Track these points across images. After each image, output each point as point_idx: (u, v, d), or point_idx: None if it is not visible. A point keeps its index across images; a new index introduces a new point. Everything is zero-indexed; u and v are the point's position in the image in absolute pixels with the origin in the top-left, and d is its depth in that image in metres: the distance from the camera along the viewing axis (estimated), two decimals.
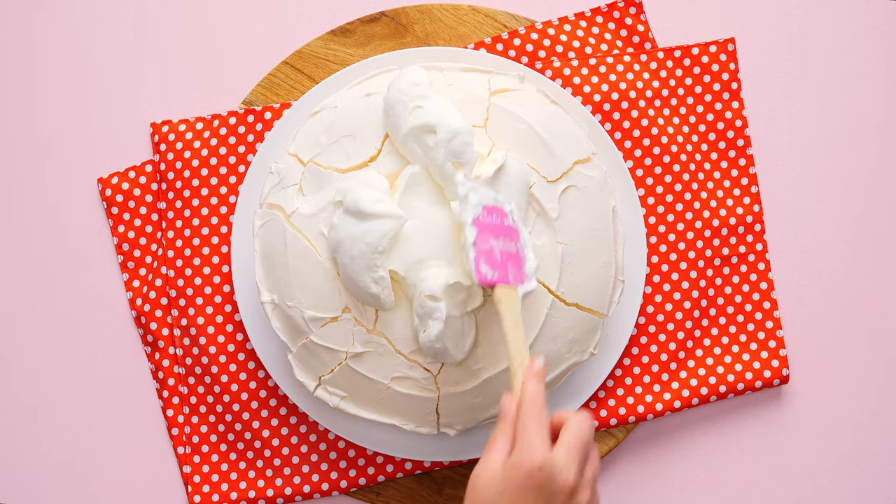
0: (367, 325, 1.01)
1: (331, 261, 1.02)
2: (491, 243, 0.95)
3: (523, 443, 0.85)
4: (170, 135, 1.13)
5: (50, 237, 1.15)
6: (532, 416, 0.86)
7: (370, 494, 1.12)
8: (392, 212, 0.98)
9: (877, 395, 1.14)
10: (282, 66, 1.14)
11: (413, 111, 0.99)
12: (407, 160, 1.02)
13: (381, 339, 1.01)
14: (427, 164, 1.00)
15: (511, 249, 0.96)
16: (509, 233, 0.97)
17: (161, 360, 1.13)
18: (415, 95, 1.00)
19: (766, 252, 1.14)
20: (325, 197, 1.02)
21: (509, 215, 0.98)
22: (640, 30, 1.15)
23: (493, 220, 0.96)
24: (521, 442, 0.86)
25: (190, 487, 1.11)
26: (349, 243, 0.98)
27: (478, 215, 0.95)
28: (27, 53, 1.16)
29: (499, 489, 0.85)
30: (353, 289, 1.00)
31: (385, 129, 1.03)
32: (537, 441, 0.85)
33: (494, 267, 0.94)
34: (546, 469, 0.84)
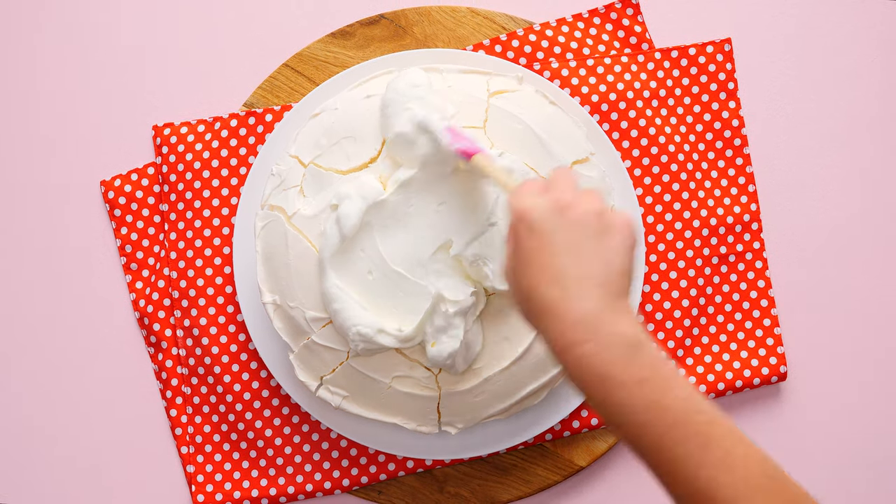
0: None
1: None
2: (461, 138, 0.96)
3: (512, 198, 0.85)
4: (172, 137, 1.14)
5: (53, 239, 1.15)
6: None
7: (372, 493, 1.12)
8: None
9: (874, 391, 1.15)
10: (282, 68, 1.15)
11: (403, 114, 0.99)
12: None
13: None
14: (413, 162, 1.00)
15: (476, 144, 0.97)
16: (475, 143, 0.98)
17: (164, 360, 1.13)
18: (409, 97, 1.00)
19: (763, 250, 1.14)
20: (326, 198, 1.02)
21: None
22: (637, 30, 1.15)
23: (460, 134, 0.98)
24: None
25: (193, 487, 1.12)
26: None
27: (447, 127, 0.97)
28: (29, 57, 1.17)
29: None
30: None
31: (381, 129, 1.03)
32: (518, 194, 0.84)
33: (467, 143, 0.95)
34: (525, 212, 0.82)
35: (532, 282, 0.81)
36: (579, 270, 0.80)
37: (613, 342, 0.77)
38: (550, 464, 1.12)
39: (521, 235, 0.82)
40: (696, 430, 0.76)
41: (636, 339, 0.78)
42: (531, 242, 0.81)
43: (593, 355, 0.77)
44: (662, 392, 0.76)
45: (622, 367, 0.77)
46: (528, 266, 0.81)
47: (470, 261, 0.97)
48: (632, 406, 0.77)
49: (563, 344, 0.79)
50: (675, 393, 0.77)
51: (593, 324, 0.78)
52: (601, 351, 0.77)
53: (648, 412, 0.76)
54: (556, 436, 1.12)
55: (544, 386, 1.06)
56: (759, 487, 0.74)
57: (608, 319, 0.78)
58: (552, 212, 0.82)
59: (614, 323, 0.78)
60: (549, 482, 1.12)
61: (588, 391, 0.78)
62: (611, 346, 0.77)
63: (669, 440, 0.76)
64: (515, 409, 1.06)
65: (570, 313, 0.78)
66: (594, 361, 0.77)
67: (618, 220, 0.82)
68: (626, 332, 0.78)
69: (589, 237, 0.81)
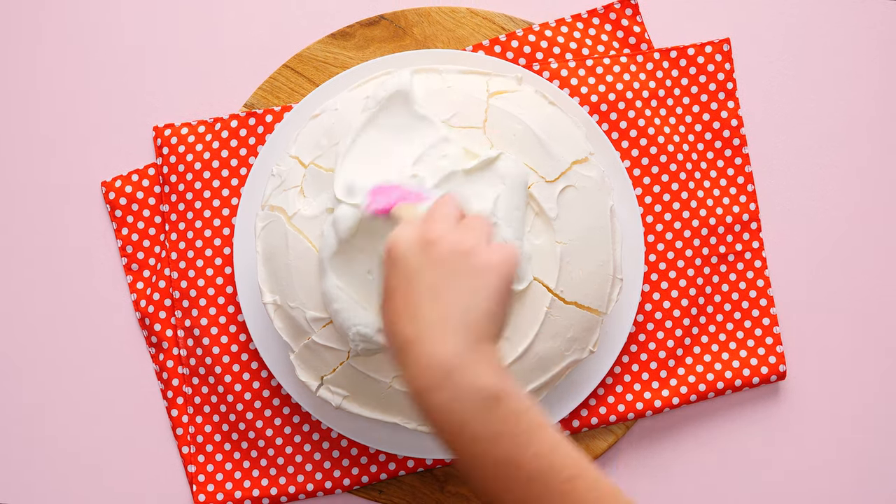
0: None
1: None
2: (384, 194, 0.94)
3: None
4: (172, 138, 1.14)
5: (53, 240, 1.15)
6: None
7: (373, 492, 1.12)
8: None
9: (873, 390, 1.15)
10: (282, 69, 1.15)
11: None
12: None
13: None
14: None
15: (410, 193, 0.94)
16: (407, 192, 0.95)
17: (165, 360, 1.13)
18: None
19: (762, 250, 1.15)
20: (326, 199, 1.03)
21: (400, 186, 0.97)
22: (636, 31, 1.16)
23: (386, 186, 0.96)
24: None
25: (194, 486, 1.12)
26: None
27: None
28: (30, 58, 1.17)
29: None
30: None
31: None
32: (394, 231, 0.82)
33: (389, 198, 0.93)
34: (392, 246, 0.80)
35: (392, 318, 0.78)
36: (436, 312, 0.76)
37: (468, 393, 0.73)
38: None
39: (387, 269, 0.79)
40: (554, 488, 0.72)
41: (495, 389, 0.74)
42: (394, 279, 0.79)
43: (446, 404, 0.74)
44: (519, 448, 0.72)
45: (477, 420, 0.73)
46: (389, 301, 0.79)
47: None
48: (486, 460, 0.73)
49: (417, 388, 0.75)
50: (535, 449, 0.73)
51: (447, 371, 0.74)
52: (454, 401, 0.74)
53: (503, 467, 0.73)
54: None
55: (544, 385, 1.06)
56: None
57: (465, 367, 0.74)
58: (417, 247, 0.78)
59: (471, 372, 0.74)
60: None
61: (441, 438, 0.75)
62: (465, 396, 0.73)
63: (526, 496, 0.72)
64: None
65: (424, 357, 0.75)
66: (447, 410, 0.74)
67: (492, 259, 0.78)
68: (484, 383, 0.74)
69: (451, 277, 0.77)
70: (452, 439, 0.74)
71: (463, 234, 0.79)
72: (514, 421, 0.73)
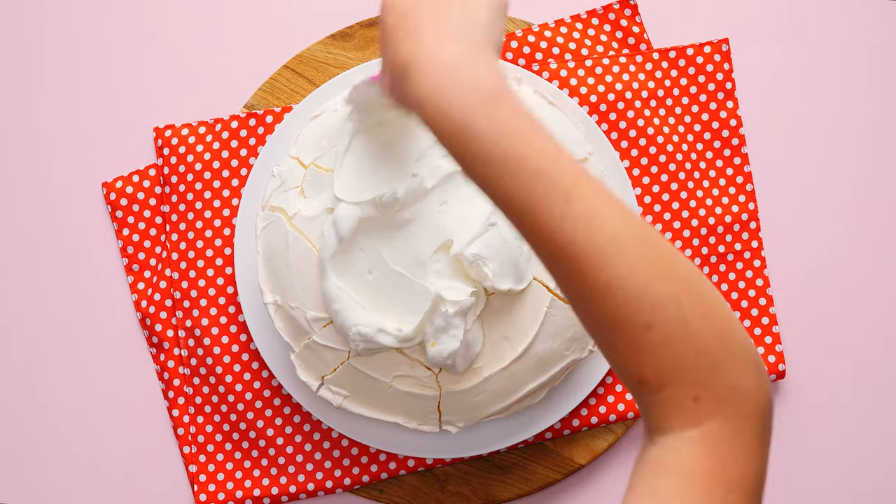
0: None
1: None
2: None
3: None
4: (173, 139, 1.14)
5: (54, 241, 1.15)
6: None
7: (373, 491, 1.12)
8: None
9: (872, 389, 1.15)
10: (283, 70, 1.15)
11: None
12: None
13: None
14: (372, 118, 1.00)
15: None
16: None
17: (166, 361, 1.14)
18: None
19: (761, 249, 1.15)
20: (327, 199, 1.03)
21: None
22: (635, 31, 1.16)
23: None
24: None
25: (195, 486, 1.12)
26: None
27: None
28: (30, 59, 1.17)
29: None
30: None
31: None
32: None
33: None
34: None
35: (392, 45, 0.78)
36: (436, 27, 0.77)
37: (471, 91, 0.74)
38: (551, 462, 1.12)
39: (384, 18, 0.80)
40: (559, 183, 0.71)
41: (497, 88, 0.74)
42: (391, 18, 0.79)
43: (450, 103, 0.74)
44: (523, 143, 0.72)
45: (481, 117, 0.73)
46: (391, 39, 0.79)
47: (470, 261, 0.98)
48: (491, 157, 0.72)
49: (419, 96, 0.75)
50: (539, 145, 0.72)
51: (450, 72, 0.74)
52: (458, 99, 0.73)
53: (508, 163, 0.71)
54: (557, 434, 1.12)
55: (544, 385, 1.06)
56: (627, 251, 0.69)
57: (467, 69, 0.74)
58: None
59: (472, 71, 0.74)
60: (550, 480, 1.12)
61: (447, 144, 0.74)
62: (468, 94, 0.73)
63: (530, 193, 0.71)
64: (516, 407, 1.06)
65: (427, 65, 0.75)
66: (451, 110, 0.73)
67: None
68: (485, 82, 0.74)
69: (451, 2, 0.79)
70: (457, 140, 0.73)
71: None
72: (517, 119, 0.73)
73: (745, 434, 0.69)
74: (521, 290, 1.01)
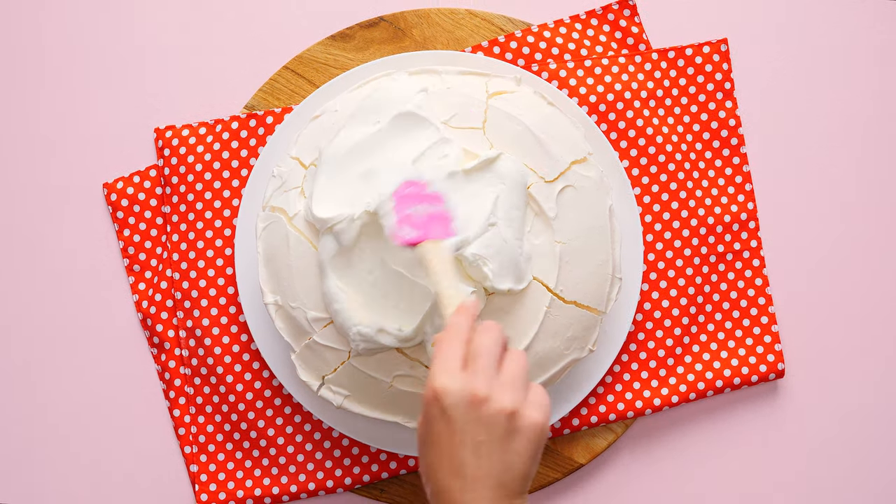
0: None
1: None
2: (412, 209, 0.96)
3: (431, 369, 0.85)
4: (173, 140, 1.14)
5: (56, 242, 1.15)
6: (442, 343, 0.85)
7: (374, 491, 1.13)
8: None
9: (870, 387, 1.15)
10: (283, 70, 1.15)
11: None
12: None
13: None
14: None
15: (436, 210, 0.96)
16: (432, 198, 0.97)
17: (167, 361, 1.14)
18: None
19: (760, 249, 1.15)
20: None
21: (429, 185, 0.98)
22: (634, 31, 1.16)
23: (412, 191, 0.97)
24: (431, 368, 0.85)
25: (197, 486, 1.12)
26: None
27: (396, 188, 0.96)
28: (31, 60, 1.17)
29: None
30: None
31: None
32: (436, 369, 0.84)
33: (416, 227, 0.94)
34: (439, 395, 0.82)
35: (434, 464, 0.83)
36: (479, 469, 0.81)
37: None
38: (550, 461, 1.12)
39: (432, 416, 0.83)
40: None
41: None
42: (439, 426, 0.83)
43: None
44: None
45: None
46: (433, 448, 0.83)
47: (470, 261, 0.98)
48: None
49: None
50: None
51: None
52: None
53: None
54: (556, 433, 1.12)
55: (544, 384, 1.06)
56: None
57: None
58: (465, 404, 0.82)
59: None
60: (550, 479, 1.12)
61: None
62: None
63: None
64: None
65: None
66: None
67: (527, 423, 0.83)
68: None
69: (495, 438, 0.82)
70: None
71: (509, 392, 0.83)
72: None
73: None
74: (521, 289, 1.01)
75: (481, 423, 0.82)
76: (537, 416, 0.83)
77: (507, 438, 0.82)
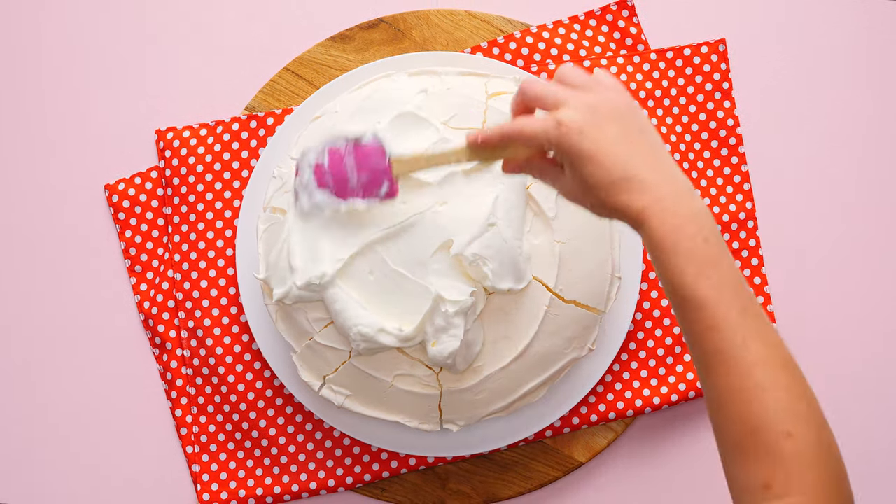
0: None
1: None
2: (348, 177, 0.96)
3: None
4: (174, 141, 1.15)
5: (59, 243, 1.16)
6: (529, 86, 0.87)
7: (375, 490, 1.13)
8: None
9: (868, 384, 1.16)
10: (283, 72, 1.16)
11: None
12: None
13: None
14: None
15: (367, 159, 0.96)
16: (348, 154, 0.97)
17: (169, 361, 1.14)
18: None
19: (759, 248, 1.15)
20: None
21: (341, 144, 0.98)
22: (632, 32, 1.16)
23: (328, 160, 0.97)
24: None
25: (199, 486, 1.12)
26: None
27: (313, 174, 0.97)
28: (33, 63, 1.17)
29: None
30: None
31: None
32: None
33: (364, 172, 0.95)
34: (564, 120, 0.83)
35: (630, 154, 0.82)
36: (673, 166, 0.83)
37: (714, 233, 0.80)
38: (551, 460, 1.13)
39: (571, 142, 0.83)
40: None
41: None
42: (625, 123, 0.83)
43: (695, 238, 0.80)
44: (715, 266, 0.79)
45: (717, 245, 0.80)
46: (628, 141, 0.83)
47: (470, 261, 0.98)
48: (724, 279, 0.79)
49: (662, 233, 0.80)
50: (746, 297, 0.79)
51: (706, 215, 0.81)
52: (707, 237, 0.80)
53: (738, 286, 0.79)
54: (556, 432, 1.12)
55: (544, 383, 1.06)
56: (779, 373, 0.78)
57: (694, 202, 0.81)
58: (635, 108, 0.84)
59: (694, 204, 0.81)
60: (550, 478, 1.13)
61: (669, 260, 0.80)
62: (712, 236, 0.80)
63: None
64: (516, 406, 1.07)
65: (683, 206, 0.81)
66: (696, 243, 0.80)
67: (623, 102, 0.84)
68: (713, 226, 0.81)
69: (629, 126, 0.83)
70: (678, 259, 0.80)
71: (610, 87, 0.86)
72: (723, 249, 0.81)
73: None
74: (521, 289, 1.01)
75: (650, 125, 0.85)
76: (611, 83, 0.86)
77: (632, 120, 0.84)
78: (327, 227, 1.00)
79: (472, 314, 1.00)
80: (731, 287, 0.79)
